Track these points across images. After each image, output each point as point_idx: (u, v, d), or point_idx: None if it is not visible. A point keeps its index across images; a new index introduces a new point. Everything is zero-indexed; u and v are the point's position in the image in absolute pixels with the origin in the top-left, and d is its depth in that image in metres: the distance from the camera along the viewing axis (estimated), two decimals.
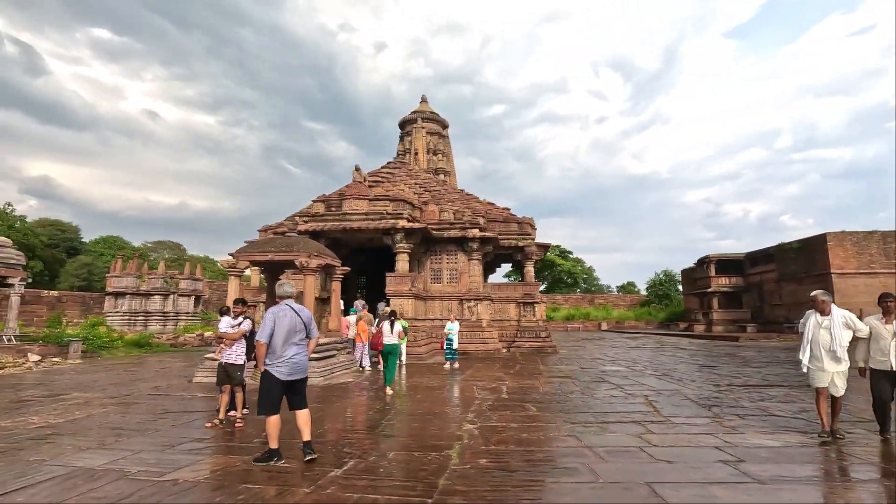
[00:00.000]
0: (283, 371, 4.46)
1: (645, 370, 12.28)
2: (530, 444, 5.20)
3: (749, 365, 13.52)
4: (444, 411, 7.13)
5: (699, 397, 8.06)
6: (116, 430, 5.87)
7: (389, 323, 9.70)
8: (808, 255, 28.68)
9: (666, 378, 10.67)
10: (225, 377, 6.23)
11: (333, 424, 6.24)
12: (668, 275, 50.50)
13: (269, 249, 11.22)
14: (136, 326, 28.27)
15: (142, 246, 62.25)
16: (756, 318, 32.58)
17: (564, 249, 61.51)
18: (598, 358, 15.88)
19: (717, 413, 6.70)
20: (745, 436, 5.42)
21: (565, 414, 6.78)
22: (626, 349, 20.20)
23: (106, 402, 7.94)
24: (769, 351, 18.85)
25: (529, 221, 21.31)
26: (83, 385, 9.92)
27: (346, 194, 17.64)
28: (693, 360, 15.28)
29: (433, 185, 22.93)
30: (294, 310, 4.68)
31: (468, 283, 18.72)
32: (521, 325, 19.65)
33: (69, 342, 16.61)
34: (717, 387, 9.30)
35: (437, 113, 29.88)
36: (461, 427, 5.99)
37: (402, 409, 7.28)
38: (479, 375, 11.37)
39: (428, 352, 15.53)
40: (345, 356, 12.21)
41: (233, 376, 6.20)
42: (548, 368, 12.90)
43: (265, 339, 4.47)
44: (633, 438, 5.33)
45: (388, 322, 9.73)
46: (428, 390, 9.22)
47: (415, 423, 6.28)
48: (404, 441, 5.38)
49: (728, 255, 35.00)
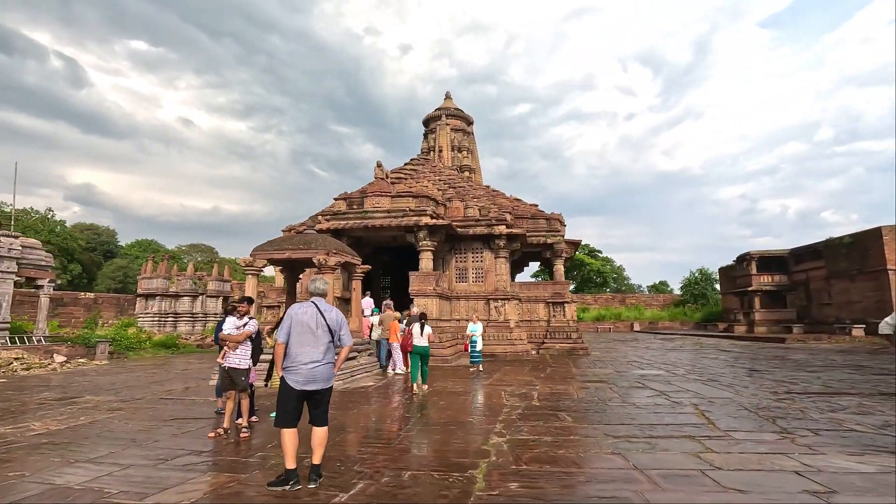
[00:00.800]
0: (297, 379, 3.84)
1: (688, 374, 11.31)
2: (568, 463, 4.48)
3: (804, 369, 12.35)
4: (468, 420, 6.46)
5: (757, 407, 7.14)
6: (114, 439, 5.43)
7: (420, 325, 9.76)
8: (860, 250, 26.71)
9: (713, 384, 9.71)
10: (229, 383, 5.72)
11: (347, 435, 5.65)
12: (704, 273, 48.39)
13: (286, 247, 10.80)
14: (165, 327, 28.60)
15: (175, 249, 63.78)
16: (802, 319, 30.65)
17: (593, 248, 59.90)
18: (634, 361, 14.91)
19: (785, 427, 5.80)
20: (827, 456, 4.56)
21: (605, 425, 6.01)
22: (663, 351, 19.07)
23: (115, 406, 7.59)
24: (822, 354, 17.43)
25: (559, 217, 20.42)
26: (99, 387, 9.68)
27: (368, 192, 17.17)
28: (739, 363, 14.15)
29: (458, 181, 22.28)
30: (320, 310, 4.02)
31: (495, 282, 17.98)
32: (550, 325, 18.77)
33: (96, 343, 16.68)
34: (774, 394, 8.32)
35: (461, 109, 29.22)
36: (488, 440, 5.31)
37: (424, 418, 6.65)
38: (508, 379, 10.65)
39: (453, 354, 14.88)
40: (366, 358, 11.69)
41: (237, 382, 5.67)
42: (581, 372, 12.06)
43: (283, 339, 3.92)
44: (690, 458, 4.54)
45: (417, 324, 9.81)
46: (452, 396, 8.56)
47: (436, 435, 5.63)
48: (423, 457, 4.74)
49: (771, 251, 33.09)
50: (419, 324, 9.81)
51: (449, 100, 29.70)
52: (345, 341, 4.12)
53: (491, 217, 18.08)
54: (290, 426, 3.82)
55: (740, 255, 34.54)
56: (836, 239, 28.62)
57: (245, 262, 10.87)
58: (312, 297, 4.15)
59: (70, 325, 31.69)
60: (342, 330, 4.08)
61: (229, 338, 5.72)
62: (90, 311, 35.83)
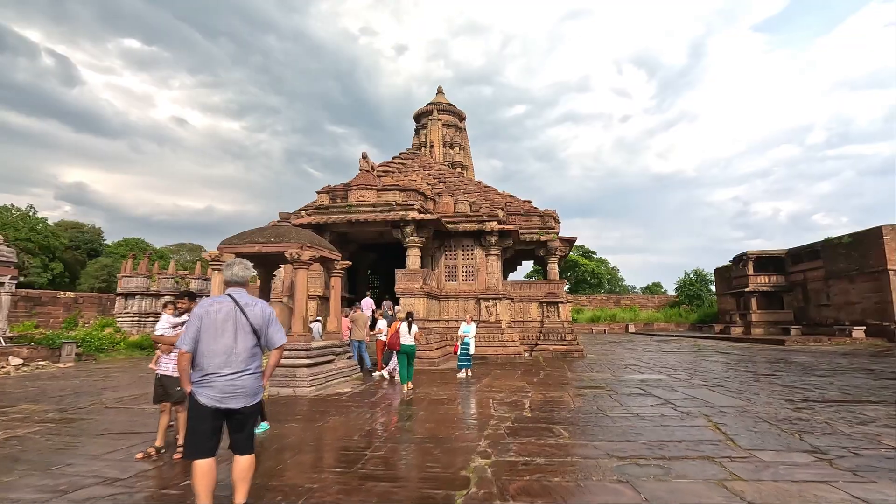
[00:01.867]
0: (211, 394, 2.92)
1: (691, 379, 10.52)
2: (565, 494, 3.63)
3: (812, 373, 11.60)
4: (450, 435, 5.59)
5: (776, 419, 6.33)
6: (22, 462, 4.52)
7: (407, 324, 9.82)
8: (860, 250, 26.12)
9: (721, 389, 8.91)
10: (162, 393, 4.80)
11: (301, 457, 4.77)
12: (700, 274, 47.86)
13: (256, 240, 9.89)
14: (145, 328, 27.49)
15: (163, 248, 62.42)
16: (799, 320, 30.03)
17: (588, 250, 59.30)
18: (632, 364, 14.10)
19: (816, 445, 4.99)
20: (879, 486, 3.75)
21: (608, 442, 5.16)
22: (661, 353, 18.30)
23: (49, 417, 6.65)
24: (826, 356, 16.72)
25: (553, 214, 19.60)
26: (45, 394, 8.71)
27: (353, 185, 16.27)
28: (741, 366, 13.38)
29: (448, 176, 21.41)
30: (239, 304, 3.11)
31: (486, 280, 17.14)
32: (544, 326, 17.92)
33: (62, 344, 15.66)
34: (790, 402, 7.52)
35: (453, 105, 28.34)
36: (469, 463, 4.45)
37: (398, 433, 5.78)
38: (498, 385, 9.80)
39: (441, 356, 14.00)
40: (344, 361, 10.79)
41: (171, 392, 4.73)
42: (576, 376, 11.23)
43: (188, 345, 2.97)
44: (714, 489, 3.70)
45: (405, 323, 9.86)
46: (435, 404, 7.69)
47: (409, 456, 4.76)
48: (387, 489, 3.86)
49: (768, 251, 32.45)
50: (406, 322, 9.86)
51: (441, 94, 28.84)
52: (275, 342, 3.21)
53: (482, 213, 17.25)
54: (203, 456, 2.91)
55: (737, 256, 33.90)
56: (835, 239, 28.03)
57: (211, 257, 9.95)
58: (229, 289, 3.22)
59: (48, 325, 30.49)
60: (271, 328, 3.18)
61: (162, 339, 4.78)
62: (70, 310, 34.64)
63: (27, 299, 34.16)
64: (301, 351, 9.17)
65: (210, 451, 2.94)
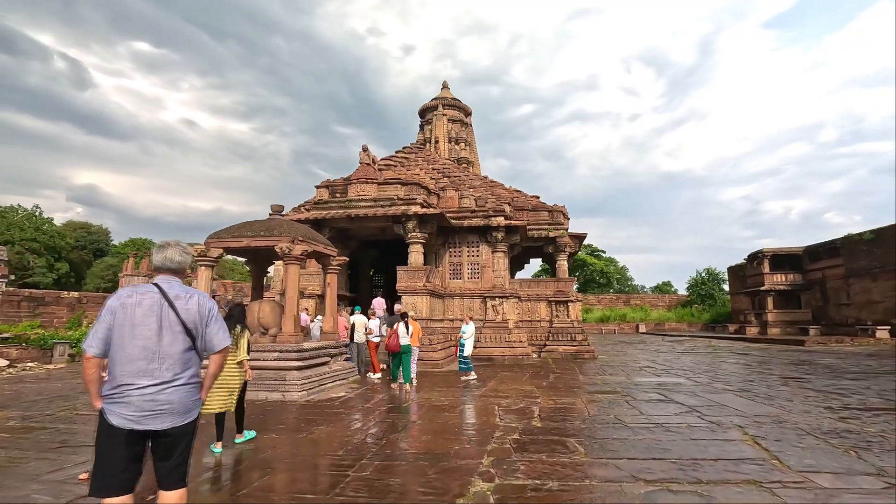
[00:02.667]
0: (124, 413, 2.24)
1: (713, 383, 9.74)
2: None
3: (842, 376, 10.76)
4: (448, 451, 4.89)
5: (821, 431, 5.57)
6: None
7: (404, 324, 9.63)
8: (883, 246, 25.05)
9: (748, 395, 8.14)
10: None
11: (274, 477, 4.10)
12: (712, 273, 46.71)
13: (245, 234, 9.26)
14: None
15: None
16: (818, 320, 28.99)
17: (596, 249, 58.30)
18: (647, 366, 13.32)
19: (879, 465, 4.23)
20: None
21: (630, 460, 4.44)
22: (675, 354, 17.48)
23: (7, 426, 6.05)
24: (851, 358, 15.81)
25: (562, 209, 18.84)
26: (17, 398, 8.14)
27: (353, 179, 15.62)
28: (764, 368, 12.56)
29: (453, 171, 20.71)
30: (167, 296, 2.40)
31: (492, 278, 16.42)
32: (553, 326, 17.15)
33: (54, 345, 15.18)
34: (831, 410, 6.75)
35: (458, 99, 27.63)
36: (468, 488, 3.76)
37: (390, 446, 5.09)
38: (504, 389, 9.09)
39: (444, 357, 13.31)
40: (340, 363, 10.14)
41: None
42: (589, 380, 10.49)
43: (95, 349, 2.28)
44: None
45: (402, 323, 9.64)
46: (434, 412, 7.00)
47: (396, 478, 4.07)
48: None
49: (784, 249, 31.40)
50: (403, 322, 9.66)
51: (446, 89, 28.16)
52: (215, 344, 2.50)
53: (488, 208, 16.54)
54: (115, 493, 2.22)
55: (751, 254, 32.88)
56: (856, 235, 26.96)
57: (198, 252, 9.33)
58: (159, 276, 2.52)
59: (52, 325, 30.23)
60: (210, 326, 2.48)
61: None
62: (74, 311, 34.40)
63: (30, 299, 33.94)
64: (292, 353, 8.52)
65: (123, 485, 2.24)
